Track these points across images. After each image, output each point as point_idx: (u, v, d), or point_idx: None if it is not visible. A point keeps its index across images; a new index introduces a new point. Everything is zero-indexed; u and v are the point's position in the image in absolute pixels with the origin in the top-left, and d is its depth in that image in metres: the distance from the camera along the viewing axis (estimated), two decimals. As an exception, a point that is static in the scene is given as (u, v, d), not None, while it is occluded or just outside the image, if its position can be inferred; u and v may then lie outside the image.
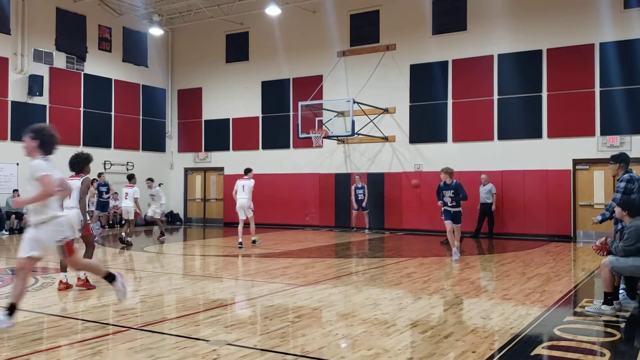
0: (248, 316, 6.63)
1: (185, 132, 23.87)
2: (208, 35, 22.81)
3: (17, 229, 18.08)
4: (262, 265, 11.05)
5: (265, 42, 21.57)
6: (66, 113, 20.08)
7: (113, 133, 21.78)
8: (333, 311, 6.87)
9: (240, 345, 5.33)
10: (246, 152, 22.14)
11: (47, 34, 19.53)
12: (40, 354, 5.07)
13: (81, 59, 20.61)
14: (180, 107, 24.01)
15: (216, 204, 23.25)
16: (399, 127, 19.14)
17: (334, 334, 5.80)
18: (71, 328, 6.05)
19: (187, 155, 23.76)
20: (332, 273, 10.08)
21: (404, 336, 5.72)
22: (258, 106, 21.97)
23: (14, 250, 14.28)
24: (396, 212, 18.84)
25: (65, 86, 20.08)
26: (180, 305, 7.50)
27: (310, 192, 20.54)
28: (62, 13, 19.93)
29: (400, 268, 10.61)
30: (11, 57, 18.50)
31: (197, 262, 12.58)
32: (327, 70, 20.26)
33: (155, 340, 5.48)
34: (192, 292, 8.35)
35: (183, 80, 23.84)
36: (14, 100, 18.56)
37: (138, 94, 22.77)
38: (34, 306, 7.03)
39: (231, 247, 14.94)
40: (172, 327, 6.03)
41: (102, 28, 21.36)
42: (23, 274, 5.50)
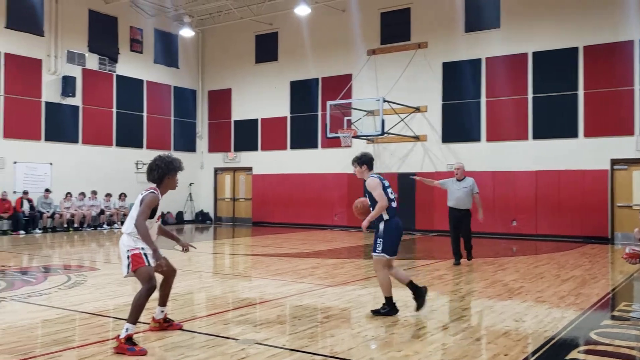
0: (276, 316, 6.59)
1: (215, 132, 24.06)
2: (238, 36, 22.93)
3: (50, 228, 18.45)
4: (290, 265, 11.03)
5: (295, 42, 21.58)
6: (98, 114, 20.41)
7: (145, 133, 22.06)
8: (362, 312, 6.79)
9: (269, 344, 5.30)
10: (274, 152, 22.20)
11: (80, 36, 19.87)
12: (72, 351, 5.11)
13: (113, 60, 20.92)
14: (210, 108, 24.20)
15: (245, 204, 23.36)
16: (431, 126, 18.93)
17: (363, 335, 5.73)
18: (102, 326, 6.10)
19: (217, 156, 23.93)
20: (361, 274, 9.99)
21: (435, 338, 5.61)
22: (286, 106, 21.99)
23: (45, 247, 14.56)
24: (427, 213, 18.63)
25: (97, 87, 20.41)
26: (209, 304, 7.52)
27: (339, 192, 20.45)
28: (94, 15, 20.26)
29: (431, 270, 10.46)
30: (45, 59, 18.87)
31: (226, 261, 12.64)
32: (356, 69, 20.16)
33: (185, 339, 5.49)
34: (222, 290, 8.36)
35: (213, 81, 24.02)
36: (47, 101, 18.93)
37: (169, 95, 23.03)
38: (66, 304, 7.12)
39: (260, 246, 14.97)
40: (201, 326, 6.04)
41: (134, 30, 21.65)
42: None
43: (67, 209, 19.01)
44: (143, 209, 5.23)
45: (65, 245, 15.46)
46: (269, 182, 22.21)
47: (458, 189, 10.86)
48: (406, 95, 18.91)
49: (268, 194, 22.16)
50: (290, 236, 17.24)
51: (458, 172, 10.99)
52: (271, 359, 4.89)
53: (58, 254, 13.20)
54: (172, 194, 20.90)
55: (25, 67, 18.35)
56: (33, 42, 18.53)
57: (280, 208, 21.76)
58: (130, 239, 5.28)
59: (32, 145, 18.48)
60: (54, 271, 10.15)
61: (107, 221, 19.98)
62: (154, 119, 22.38)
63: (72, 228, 18.90)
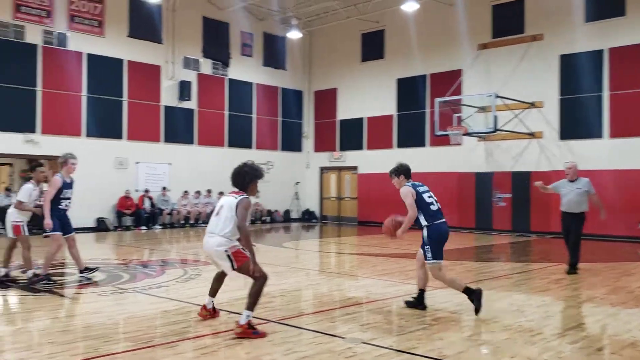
0: (384, 316, 6.50)
1: (320, 132, 24.35)
2: (344, 36, 23.04)
3: (168, 224, 19.54)
4: (398, 265, 10.88)
5: (401, 39, 21.31)
6: (212, 116, 21.35)
7: (254, 134, 22.78)
8: (473, 316, 6.53)
9: (376, 344, 5.22)
10: (380, 151, 22.06)
11: (195, 42, 20.88)
12: (188, 341, 5.34)
13: (225, 64, 21.78)
14: (316, 108, 24.52)
15: (350, 203, 23.42)
16: (547, 122, 17.94)
17: (473, 339, 5.51)
18: (216, 319, 6.29)
19: (323, 155, 24.20)
20: (472, 276, 9.65)
21: (551, 345, 5.27)
22: (393, 104, 21.78)
23: (164, 242, 15.42)
24: (543, 213, 17.64)
25: (211, 91, 21.35)
26: (316, 301, 7.57)
27: (448, 191, 19.90)
28: (208, 21, 21.20)
29: (547, 274, 9.88)
30: (163, 65, 20.01)
31: (332, 260, 12.70)
32: (466, 64, 19.54)
33: (292, 335, 5.55)
34: (328, 288, 8.40)
35: (319, 82, 24.32)
36: (166, 105, 20.07)
37: (277, 96, 23.61)
38: (182, 296, 7.46)
39: (366, 245, 14.92)
40: (308, 322, 6.08)
41: (244, 34, 22.41)
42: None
43: (183, 206, 20.09)
44: (245, 213, 5.50)
45: (182, 240, 16.33)
46: (375, 181, 22.09)
47: (571, 190, 9.91)
48: (520, 90, 18.05)
49: (374, 193, 22.04)
50: (396, 236, 17.05)
51: (570, 172, 10.00)
52: (378, 359, 4.82)
53: (175, 249, 13.93)
54: (279, 193, 21.63)
55: (145, 73, 19.57)
56: (152, 49, 19.72)
57: (386, 207, 21.30)
58: (223, 239, 5.53)
59: (152, 147, 19.68)
60: (172, 265, 10.71)
61: (221, 218, 20.82)
62: (263, 120, 23.05)
63: (188, 224, 19.95)
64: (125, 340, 5.43)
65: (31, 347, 5.18)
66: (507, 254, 13.99)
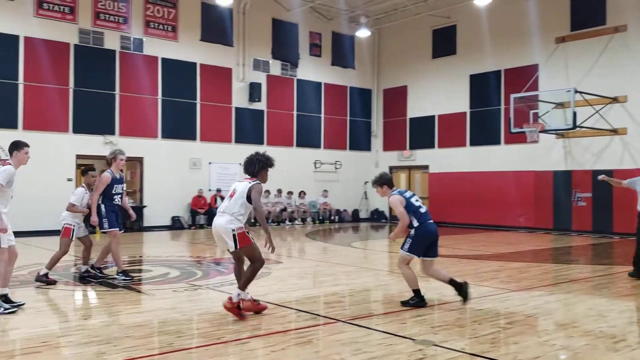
0: (456, 318, 6.33)
1: (390, 130, 24.11)
2: (414, 32, 22.71)
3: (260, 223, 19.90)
4: (470, 267, 10.58)
5: (474, 34, 20.77)
6: (281, 116, 21.60)
7: (322, 134, 22.85)
8: (550, 320, 6.25)
9: (447, 347, 5.09)
10: (452, 149, 21.60)
11: (264, 44, 21.19)
12: (259, 338, 5.39)
13: (294, 65, 21.98)
14: (385, 106, 24.31)
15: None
16: (632, 118, 16.97)
17: (550, 344, 5.25)
18: (285, 316, 6.36)
19: (392, 154, 23.95)
20: (549, 279, 9.25)
21: (636, 354, 4.94)
22: (466, 101, 21.27)
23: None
24: (627, 214, 16.64)
25: (280, 92, 21.61)
26: (386, 302, 7.48)
27: (524, 190, 19.25)
28: (277, 23, 21.46)
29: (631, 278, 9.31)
30: (234, 67, 20.42)
31: (403, 260, 12.50)
32: (543, 58, 18.79)
33: (361, 335, 5.50)
34: (398, 289, 8.26)
35: (389, 80, 24.10)
36: (236, 106, 20.48)
37: (345, 95, 23.59)
38: (252, 294, 7.54)
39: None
40: (378, 323, 6.01)
41: (313, 34, 22.54)
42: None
43: (253, 206, 20.40)
44: (258, 197, 6.07)
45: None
46: (447, 180, 21.67)
47: None
48: (601, 84, 17.18)
49: (445, 193, 21.62)
50: (469, 237, 16.62)
51: None
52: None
53: (246, 247, 14.16)
54: (347, 193, 21.56)
55: (217, 76, 20.04)
56: (224, 52, 20.17)
57: (458, 208, 21.11)
58: (232, 218, 6.04)
59: (223, 147, 20.13)
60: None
61: (289, 217, 21.08)
62: (331, 119, 23.09)
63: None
64: (198, 336, 5.55)
65: (110, 340, 5.38)
66: (587, 256, 13.35)
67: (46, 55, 16.57)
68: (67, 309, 7.11)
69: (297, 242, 15.74)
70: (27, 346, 5.17)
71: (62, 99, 16.88)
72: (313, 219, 21.92)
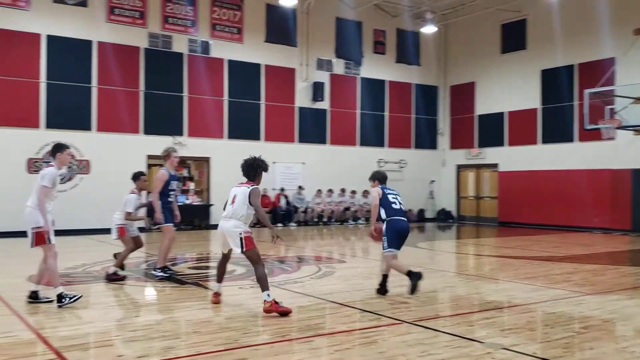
0: (526, 321, 6.09)
1: (457, 128, 23.60)
2: (482, 27, 22.13)
3: (303, 222, 20.03)
4: (542, 269, 10.19)
5: (545, 27, 20.00)
6: (344, 115, 21.55)
7: (386, 132, 22.64)
8: (629, 325, 5.90)
9: (517, 351, 4.90)
10: (523, 147, 20.90)
11: (328, 43, 21.20)
12: (323, 337, 5.36)
13: (358, 63, 21.89)
14: (452, 103, 23.82)
15: (490, 202, 22.44)
16: None
17: (630, 350, 4.95)
18: (350, 316, 6.31)
19: (459, 152, 23.44)
20: (628, 283, 8.76)
21: None
22: (537, 97, 20.53)
23: (299, 239, 15.82)
24: None
25: (343, 90, 21.56)
26: (453, 304, 7.31)
27: (599, 190, 18.38)
28: (341, 22, 21.42)
29: None
30: (298, 67, 20.56)
31: (470, 261, 12.22)
32: (620, 51, 17.85)
33: (428, 336, 5.38)
34: (466, 291, 8.06)
35: (456, 76, 23.60)
36: (300, 106, 20.60)
37: (410, 93, 23.28)
38: (317, 292, 7.55)
39: (507, 247, 14.19)
40: (445, 325, 5.86)
41: (377, 32, 22.36)
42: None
43: (317, 205, 20.51)
44: (258, 201, 6.54)
45: (316, 238, 16.65)
46: (517, 179, 20.98)
47: None
48: (684, 77, 16.16)
49: (516, 192, 20.95)
50: (541, 238, 16.03)
51: None
52: (522, 367, 4.50)
53: (310, 246, 14.23)
54: (412, 192, 21.32)
55: (281, 76, 20.23)
56: (287, 53, 20.33)
57: (529, 207, 20.41)
58: (238, 222, 6.41)
59: (287, 147, 20.30)
60: (306, 261, 10.91)
61: (353, 216, 21.01)
62: (395, 117, 22.84)
63: (322, 222, 20.33)
64: (263, 333, 5.58)
65: (179, 335, 5.50)
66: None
67: (117, 59, 17.22)
68: (138, 304, 7.33)
69: (360, 241, 15.65)
70: (100, 339, 5.35)
71: (133, 101, 17.51)
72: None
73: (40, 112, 16.11)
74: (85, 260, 10.30)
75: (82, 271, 9.27)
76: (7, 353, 4.81)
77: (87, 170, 16.74)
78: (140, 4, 17.63)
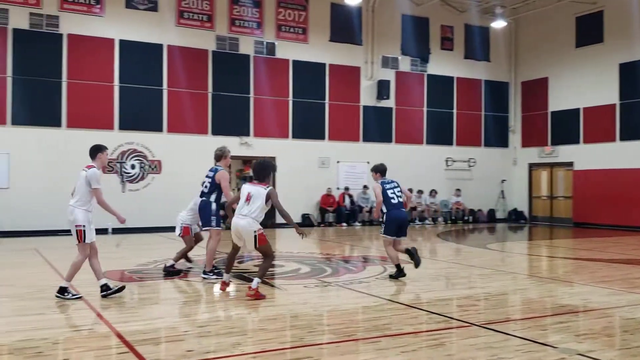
0: (603, 327, 5.78)
1: (529, 125, 22.79)
2: (555, 21, 21.27)
3: (367, 221, 19.89)
4: (620, 272, 9.67)
5: (624, 19, 18.99)
6: (411, 113, 21.26)
7: (455, 130, 22.18)
8: None
9: (594, 357, 4.68)
10: (600, 144, 19.94)
11: (393, 41, 20.97)
12: (389, 338, 5.28)
13: (424, 60, 21.54)
14: (524, 100, 23.03)
15: (564, 202, 21.54)
16: None
17: None
18: (417, 317, 6.20)
19: (531, 150, 22.62)
20: None
21: None
22: (615, 92, 19.52)
23: (364, 239, 15.73)
24: None
25: (409, 88, 21.26)
26: (525, 307, 7.05)
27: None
28: (407, 18, 21.14)
29: None
30: (362, 66, 20.44)
31: (543, 263, 11.76)
32: None
33: (498, 340, 5.21)
34: (538, 294, 7.75)
35: (527, 71, 22.80)
36: (364, 104, 20.47)
37: (479, 89, 22.70)
38: (382, 293, 7.46)
39: (583, 249, 13.58)
40: (516, 329, 5.65)
41: (444, 28, 21.94)
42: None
43: (383, 204, 20.27)
44: (278, 200, 7.07)
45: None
46: (594, 178, 20.04)
47: None
48: None
49: (592, 191, 20.01)
50: (619, 240, 15.26)
51: None
52: (600, 375, 4.26)
53: (375, 246, 14.10)
54: (482, 192, 20.82)
55: (345, 75, 20.17)
56: (352, 51, 20.26)
57: (606, 208, 19.44)
58: (253, 221, 6.95)
59: (351, 146, 20.23)
60: (372, 262, 10.82)
61: (419, 217, 20.69)
62: (464, 115, 22.32)
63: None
64: (328, 333, 5.56)
65: (245, 332, 5.56)
66: None
67: (186, 62, 17.70)
68: (205, 301, 7.48)
69: (428, 242, 15.40)
70: (170, 334, 5.49)
71: (201, 103, 17.94)
72: (445, 219, 21.34)
73: (114, 114, 16.78)
74: (157, 257, 10.62)
75: (153, 267, 9.56)
76: (84, 345, 5.02)
77: (158, 170, 17.30)
78: (208, 8, 18.05)
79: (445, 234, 17.14)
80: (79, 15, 16.42)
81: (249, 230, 6.92)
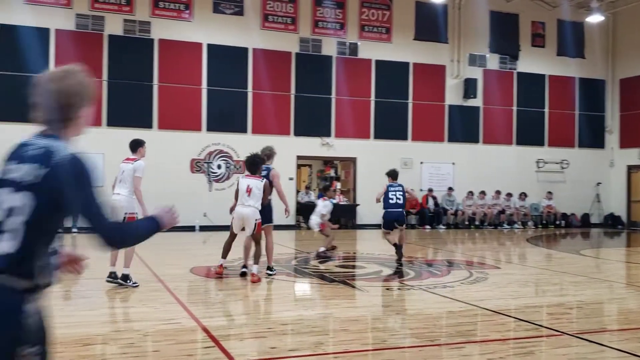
0: None
1: (628, 125, 21.40)
2: (656, 13, 19.89)
3: (452, 224, 19.41)
4: None
5: None
6: (499, 113, 20.53)
7: (547, 130, 21.22)
8: None
9: None
10: None
11: (481, 38, 20.35)
12: (475, 344, 5.11)
13: (514, 58, 20.76)
14: (622, 98, 21.67)
15: (666, 207, 20.06)
16: None
17: None
18: (504, 324, 5.96)
19: (631, 152, 21.23)
20: None
21: None
22: None
23: (449, 242, 15.35)
24: None
25: (497, 87, 20.55)
26: (622, 317, 6.60)
27: None
28: (495, 15, 20.45)
29: None
30: (448, 64, 19.98)
31: (643, 271, 10.99)
32: None
33: (591, 351, 4.90)
34: (637, 304, 7.24)
35: (626, 68, 21.43)
36: (450, 104, 20.00)
37: (573, 88, 21.59)
38: (468, 298, 7.22)
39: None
40: (612, 340, 5.31)
41: (535, 24, 21.05)
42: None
43: (468, 207, 19.75)
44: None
45: (467, 241, 16.05)
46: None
47: None
48: None
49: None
50: None
51: None
52: None
53: (460, 250, 13.75)
54: (576, 195, 19.77)
55: (430, 74, 19.79)
56: (437, 50, 19.84)
57: None
58: (256, 210, 7.97)
59: (436, 147, 19.82)
60: (457, 266, 10.52)
61: (508, 220, 19.95)
62: (556, 114, 21.29)
63: (473, 225, 19.51)
64: (411, 336, 5.44)
65: (327, 332, 5.55)
66: None
67: (270, 65, 17.99)
68: (288, 299, 7.55)
69: (517, 247, 14.81)
70: (253, 331, 5.57)
71: (284, 104, 18.19)
72: (535, 223, 20.42)
73: (202, 116, 17.35)
74: (241, 255, 10.83)
75: (238, 265, 9.77)
76: (172, 338, 5.18)
77: (242, 170, 17.69)
78: (292, 10, 18.28)
79: (535, 239, 16.41)
80: (169, 21, 17.11)
81: (252, 219, 7.95)
